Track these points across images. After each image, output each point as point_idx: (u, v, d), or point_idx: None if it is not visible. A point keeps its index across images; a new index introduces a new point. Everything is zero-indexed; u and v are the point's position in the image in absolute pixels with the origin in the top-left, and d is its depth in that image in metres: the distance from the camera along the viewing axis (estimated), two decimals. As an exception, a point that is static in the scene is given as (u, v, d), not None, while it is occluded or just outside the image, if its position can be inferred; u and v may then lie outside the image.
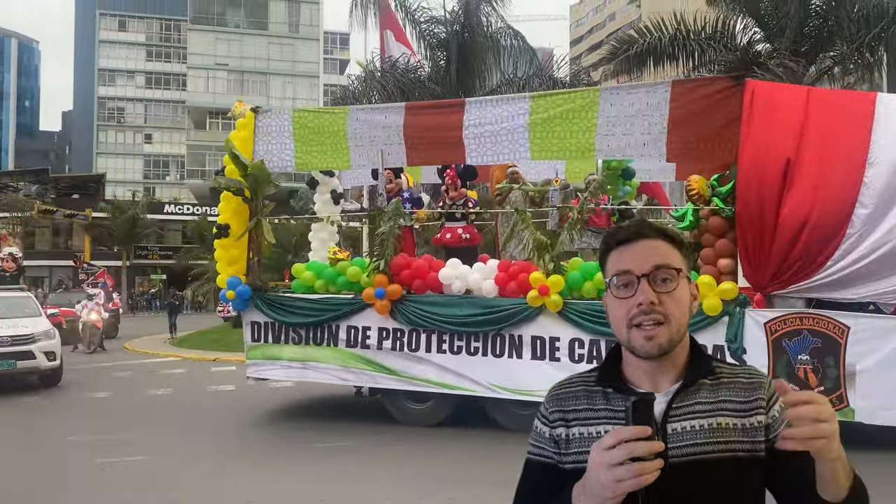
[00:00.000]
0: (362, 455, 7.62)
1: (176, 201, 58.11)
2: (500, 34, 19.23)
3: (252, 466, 7.26)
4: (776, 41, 17.07)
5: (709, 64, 17.79)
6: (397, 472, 6.93)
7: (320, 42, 62.89)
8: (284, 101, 60.00)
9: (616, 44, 18.89)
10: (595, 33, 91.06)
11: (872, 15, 16.03)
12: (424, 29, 19.47)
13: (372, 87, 18.51)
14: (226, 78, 59.47)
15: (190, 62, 59.70)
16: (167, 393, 12.32)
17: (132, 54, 72.29)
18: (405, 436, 8.33)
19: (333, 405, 10.74)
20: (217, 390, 12.55)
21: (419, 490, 6.37)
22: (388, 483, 6.58)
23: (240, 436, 8.79)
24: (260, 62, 59.83)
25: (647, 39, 17.66)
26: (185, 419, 9.99)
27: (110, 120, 72.69)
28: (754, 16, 17.48)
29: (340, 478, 6.78)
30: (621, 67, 18.31)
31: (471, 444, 7.94)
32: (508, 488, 1.47)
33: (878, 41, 16.04)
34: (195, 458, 7.69)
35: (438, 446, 7.88)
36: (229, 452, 7.94)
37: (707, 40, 17.46)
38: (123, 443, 8.38)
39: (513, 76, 19.79)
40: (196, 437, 8.76)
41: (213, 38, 58.84)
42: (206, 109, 59.34)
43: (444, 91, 19.06)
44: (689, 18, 17.57)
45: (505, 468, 2.47)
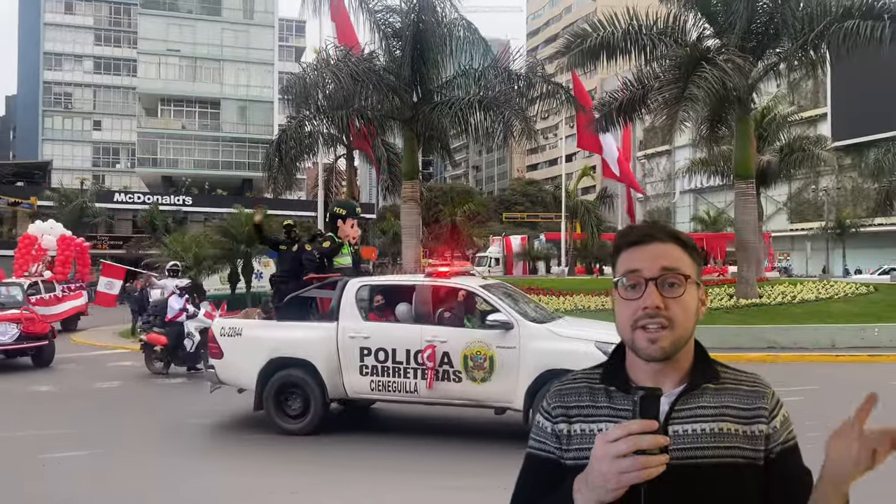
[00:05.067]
0: (319, 444, 7.62)
1: (126, 190, 56.78)
2: (454, 25, 19.19)
3: (203, 457, 7.20)
4: (725, 37, 17.46)
5: (660, 59, 18.10)
6: (361, 463, 6.95)
7: (275, 29, 61.90)
8: (238, 88, 59.05)
9: (570, 37, 19.10)
10: (551, 26, 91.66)
11: (816, 13, 16.50)
12: (379, 18, 19.32)
13: (325, 76, 18.34)
14: (178, 64, 58.14)
15: (141, 47, 58.19)
16: (115, 385, 12.09)
17: (80, 38, 70.20)
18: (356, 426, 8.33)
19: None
20: (167, 382, 12.38)
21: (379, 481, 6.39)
22: (362, 474, 6.59)
23: (190, 428, 8.68)
24: (213, 49, 58.65)
25: (600, 33, 17.90)
26: (134, 412, 9.82)
27: (57, 105, 70.56)
28: (704, 12, 17.82)
29: (303, 469, 6.77)
30: (575, 61, 18.52)
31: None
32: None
33: (822, 39, 16.52)
34: (143, 451, 7.58)
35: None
36: (178, 445, 7.84)
37: (659, 35, 17.77)
38: (69, 437, 8.21)
39: (468, 67, 19.82)
40: (145, 431, 8.63)
41: (164, 23, 57.41)
42: (158, 96, 58.00)
43: (399, 81, 19.00)
44: (642, 13, 17.84)
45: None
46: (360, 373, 7.70)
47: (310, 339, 8.00)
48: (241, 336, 8.30)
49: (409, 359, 7.52)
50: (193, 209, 49.62)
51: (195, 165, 58.14)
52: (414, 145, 20.41)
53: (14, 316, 14.01)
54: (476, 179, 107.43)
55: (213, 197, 52.24)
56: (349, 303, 7.92)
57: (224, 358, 8.33)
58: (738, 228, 18.49)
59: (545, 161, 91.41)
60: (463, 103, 18.64)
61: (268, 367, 7.99)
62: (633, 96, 18.97)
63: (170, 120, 58.64)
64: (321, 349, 7.85)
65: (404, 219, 20.73)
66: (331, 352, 7.81)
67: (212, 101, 58.76)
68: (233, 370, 8.32)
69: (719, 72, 15.78)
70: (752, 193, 18.45)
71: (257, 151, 50.81)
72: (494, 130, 19.06)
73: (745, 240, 17.95)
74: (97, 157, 71.73)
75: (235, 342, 8.28)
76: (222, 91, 58.85)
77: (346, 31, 20.48)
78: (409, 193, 20.06)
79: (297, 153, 23.03)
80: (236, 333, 8.31)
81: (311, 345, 7.92)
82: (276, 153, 22.28)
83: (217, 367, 8.41)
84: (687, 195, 57.61)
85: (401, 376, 7.54)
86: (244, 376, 8.17)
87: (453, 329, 7.50)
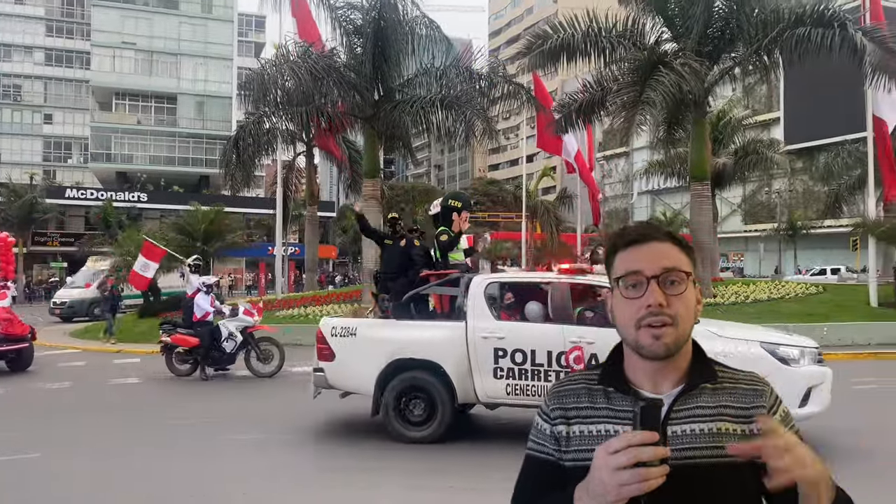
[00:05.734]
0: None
1: (79, 186, 55.35)
2: (416, 23, 19.16)
3: (157, 460, 7.04)
4: (682, 41, 17.76)
5: (619, 62, 18.33)
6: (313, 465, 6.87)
7: (234, 23, 60.98)
8: (196, 83, 58.04)
9: (532, 38, 19.21)
10: (513, 26, 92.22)
11: (770, 20, 16.90)
12: (340, 14, 19.20)
13: (285, 72, 18.13)
14: (133, 57, 56.88)
15: (94, 39, 56.73)
16: (65, 387, 11.77)
17: (30, 29, 68.10)
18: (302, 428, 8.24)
19: (257, 398, 10.51)
20: (120, 383, 12.10)
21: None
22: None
23: (144, 429, 8.49)
24: (170, 42, 57.51)
25: (561, 35, 18.04)
26: (85, 413, 9.57)
27: (6, 98, 68.36)
28: (663, 16, 18.10)
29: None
30: (536, 62, 18.64)
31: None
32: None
33: (775, 45, 16.93)
34: (95, 453, 7.39)
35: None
36: (131, 447, 7.67)
37: (618, 38, 17.99)
38: (14, 440, 7.96)
39: (430, 66, 19.82)
40: (98, 433, 8.41)
41: (119, 15, 56.08)
42: (112, 90, 56.67)
43: (360, 79, 18.89)
44: (602, 16, 18.03)
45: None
46: (495, 375, 7.14)
47: (437, 339, 7.43)
48: (355, 336, 7.64)
49: (550, 361, 6.98)
50: (149, 206, 48.70)
51: (151, 161, 56.99)
52: (375, 143, 20.33)
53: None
54: (438, 178, 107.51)
55: (169, 194, 51.31)
56: (478, 301, 7.36)
57: (336, 360, 7.61)
58: (694, 229, 18.83)
59: (506, 161, 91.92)
60: (424, 102, 18.64)
61: (388, 370, 7.38)
62: (592, 98, 19.16)
63: (124, 114, 57.32)
64: (450, 350, 7.28)
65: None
66: (461, 353, 7.25)
67: (168, 95, 57.65)
68: (346, 373, 7.66)
69: (676, 75, 16.06)
70: (707, 195, 18.81)
71: (215, 148, 50.00)
72: (456, 130, 19.11)
73: (701, 241, 18.29)
74: (48, 152, 69.74)
75: (350, 343, 7.61)
76: (179, 86, 57.77)
77: (308, 27, 20.31)
78: (370, 192, 19.97)
79: (256, 150, 22.77)
80: (350, 334, 7.65)
81: (439, 346, 7.35)
82: (234, 150, 22.00)
83: (327, 371, 7.67)
84: (644, 196, 58.55)
85: (541, 379, 7.00)
86: (360, 380, 7.55)
87: (601, 329, 6.77)
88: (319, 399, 8.13)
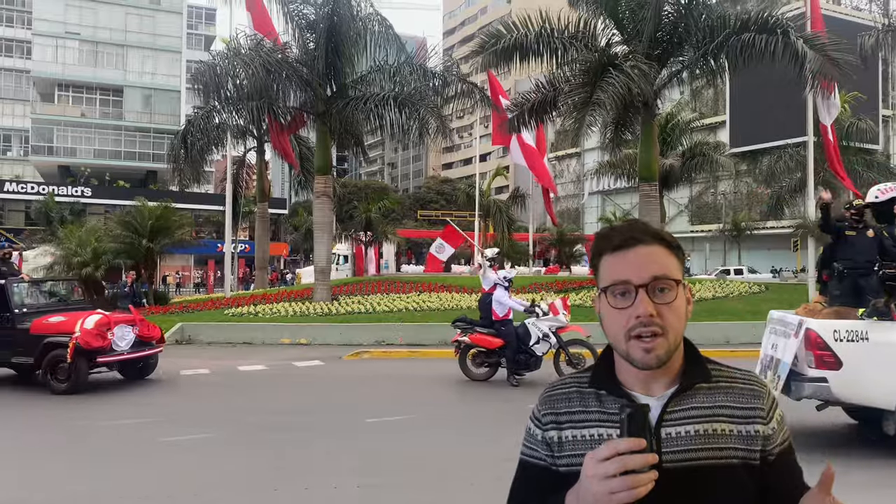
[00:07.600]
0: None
1: (18, 179, 53.49)
2: (369, 19, 19.07)
3: (88, 462, 6.87)
4: (632, 44, 18.06)
5: (571, 63, 18.54)
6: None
7: (184, 15, 59.67)
8: (143, 75, 56.66)
9: (485, 37, 19.29)
10: (467, 26, 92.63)
11: (717, 25, 17.33)
12: (293, 9, 18.98)
13: (236, 65, 17.85)
14: (77, 48, 55.18)
15: (35, 28, 54.84)
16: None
17: (-34, 16, 65.56)
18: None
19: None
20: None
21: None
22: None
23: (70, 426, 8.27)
24: (116, 33, 55.95)
25: (514, 35, 18.16)
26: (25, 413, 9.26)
27: (-61, 87, 65.65)
28: (613, 18, 18.37)
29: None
30: (490, 61, 18.72)
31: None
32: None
33: (721, 50, 17.36)
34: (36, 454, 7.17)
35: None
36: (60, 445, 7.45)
37: (570, 39, 18.18)
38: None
39: (384, 63, 19.74)
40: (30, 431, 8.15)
41: (62, 3, 54.29)
42: (55, 81, 54.88)
43: (313, 74, 18.72)
44: (555, 17, 18.21)
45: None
46: None
47: None
48: (868, 342, 6.59)
49: None
50: (93, 201, 47.43)
51: (95, 155, 55.38)
52: (327, 140, 20.17)
53: (129, 317, 11.33)
54: (391, 177, 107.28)
55: (114, 189, 49.98)
56: None
57: (843, 369, 6.56)
58: (643, 229, 19.14)
59: (460, 160, 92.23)
60: (378, 99, 18.58)
61: None
62: (544, 98, 19.34)
63: (68, 106, 55.58)
64: None
65: (317, 214, 20.47)
66: None
67: (114, 88, 56.12)
68: (860, 385, 6.63)
69: (626, 77, 16.32)
70: (655, 196, 19.19)
71: (163, 142, 48.91)
72: (410, 127, 19.09)
73: (649, 240, 18.61)
74: (-14, 144, 67.26)
75: (863, 350, 6.58)
76: (126, 78, 56.28)
77: (263, 21, 20.01)
78: (321, 189, 19.81)
79: (205, 145, 22.38)
80: (861, 338, 6.60)
81: None
82: (183, 144, 21.59)
83: (832, 381, 6.57)
84: (595, 196, 59.35)
85: None
86: (881, 393, 6.57)
87: None
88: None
